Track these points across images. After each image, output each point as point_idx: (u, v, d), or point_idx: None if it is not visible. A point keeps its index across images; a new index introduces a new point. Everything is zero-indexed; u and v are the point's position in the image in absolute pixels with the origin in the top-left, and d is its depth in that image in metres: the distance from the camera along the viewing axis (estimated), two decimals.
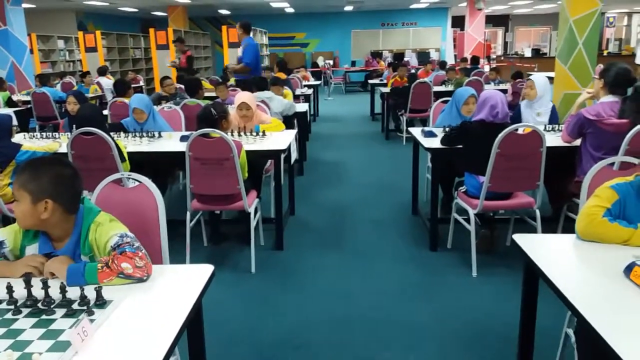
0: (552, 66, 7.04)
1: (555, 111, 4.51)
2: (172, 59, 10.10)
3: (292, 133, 4.47)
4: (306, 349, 2.71)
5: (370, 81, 11.81)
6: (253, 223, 3.62)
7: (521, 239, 1.94)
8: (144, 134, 4.23)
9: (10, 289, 1.52)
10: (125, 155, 3.67)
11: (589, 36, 6.41)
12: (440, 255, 3.84)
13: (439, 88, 8.48)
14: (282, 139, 4.11)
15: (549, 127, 4.16)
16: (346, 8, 17.82)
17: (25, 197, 1.67)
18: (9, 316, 1.47)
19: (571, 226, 1.99)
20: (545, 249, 1.91)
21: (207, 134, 3.40)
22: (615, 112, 3.32)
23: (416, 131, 4.30)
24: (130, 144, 4.01)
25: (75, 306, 1.50)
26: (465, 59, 11.10)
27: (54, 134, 4.47)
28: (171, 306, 1.53)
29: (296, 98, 7.60)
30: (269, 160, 4.44)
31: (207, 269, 1.74)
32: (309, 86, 10.04)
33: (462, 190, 3.65)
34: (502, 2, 16.98)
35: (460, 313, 3.02)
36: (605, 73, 3.43)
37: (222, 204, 3.61)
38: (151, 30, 12.99)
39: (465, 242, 3.67)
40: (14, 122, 5.45)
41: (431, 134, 4.08)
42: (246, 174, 3.56)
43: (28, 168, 1.71)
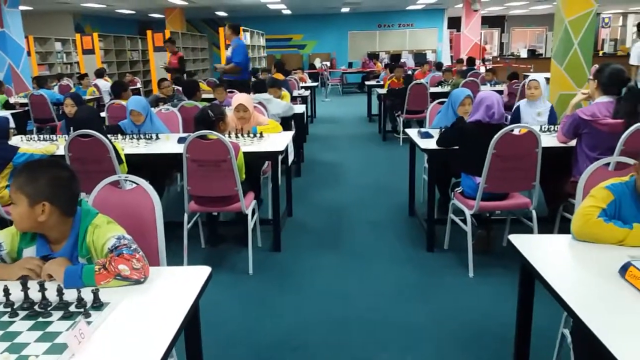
0: (548, 67, 7.06)
1: (553, 110, 4.54)
2: (168, 63, 10.03)
3: (290, 135, 4.48)
4: (304, 350, 2.72)
5: (367, 82, 11.83)
6: (250, 224, 3.62)
7: (517, 240, 1.95)
8: (142, 136, 4.24)
9: (7, 292, 1.51)
10: (122, 157, 3.67)
11: (585, 37, 6.43)
12: (437, 255, 3.85)
13: (436, 89, 8.50)
14: (280, 141, 4.11)
15: (545, 128, 4.19)
16: (343, 9, 17.85)
17: (22, 200, 1.67)
18: (6, 319, 1.47)
19: (567, 226, 2.00)
20: (541, 250, 1.91)
21: (205, 136, 3.40)
22: (610, 113, 3.34)
23: (413, 132, 4.31)
24: (127, 146, 4.01)
25: (72, 308, 1.50)
26: (461, 60, 11.12)
27: (52, 137, 4.47)
28: (168, 308, 1.53)
29: (293, 99, 7.61)
30: (267, 161, 4.45)
31: (205, 271, 1.74)
32: (306, 88, 10.05)
33: (459, 191, 3.66)
34: (498, 3, 17.02)
35: (457, 314, 3.03)
36: (599, 74, 3.45)
37: (220, 206, 3.61)
38: (148, 32, 12.97)
39: (461, 243, 3.68)
40: (12, 125, 5.43)
41: (427, 135, 4.10)
42: (243, 176, 3.57)
43: (25, 170, 1.71)
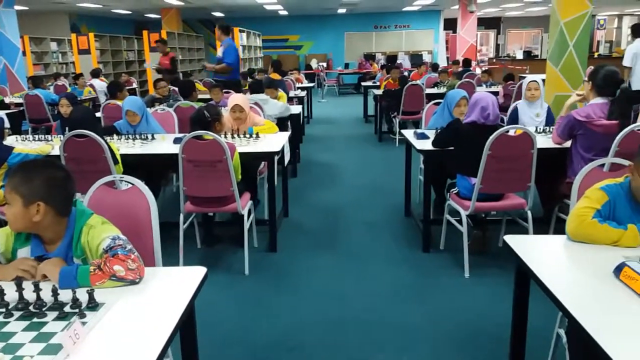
0: (544, 68, 7.08)
1: (551, 111, 4.56)
2: (159, 63, 9.91)
3: (286, 135, 4.48)
4: (300, 351, 2.72)
5: (363, 83, 11.83)
6: (246, 225, 3.62)
7: (512, 240, 1.96)
8: (137, 136, 4.23)
9: (1, 292, 1.51)
10: (118, 157, 3.66)
11: (580, 38, 6.45)
12: (432, 256, 3.85)
13: (431, 90, 8.51)
14: (276, 141, 4.11)
15: (541, 129, 4.20)
16: (339, 11, 17.87)
17: (17, 200, 1.67)
18: (1, 319, 1.47)
19: (563, 227, 2.00)
20: (536, 250, 1.92)
21: (201, 136, 3.40)
22: (605, 114, 3.35)
23: (408, 133, 4.31)
24: (123, 146, 4.00)
25: (67, 309, 1.50)
26: (457, 62, 11.14)
27: (47, 137, 4.45)
28: (164, 308, 1.53)
29: (290, 100, 7.61)
30: (263, 162, 4.44)
31: (200, 271, 1.74)
32: (303, 88, 10.04)
33: (454, 191, 3.67)
34: (494, 5, 17.07)
35: (453, 314, 3.04)
36: (593, 75, 3.47)
37: (216, 206, 3.61)
38: (144, 32, 12.94)
39: (457, 244, 3.69)
40: (6, 125, 5.43)
41: (423, 136, 4.10)
42: (239, 176, 3.57)
43: (20, 171, 1.71)
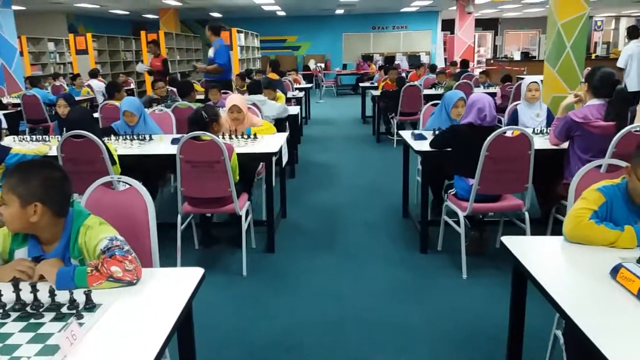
0: (541, 69, 7.09)
1: (550, 111, 4.58)
2: (150, 65, 9.84)
3: (284, 136, 4.48)
4: (298, 351, 2.72)
5: (361, 84, 11.84)
6: (244, 226, 3.62)
7: (510, 241, 1.96)
8: (135, 137, 4.22)
9: None
10: (115, 158, 3.65)
11: (577, 39, 6.46)
12: (430, 257, 3.85)
13: (429, 91, 8.51)
14: (274, 142, 4.11)
15: (539, 130, 4.21)
16: (337, 11, 17.89)
17: (14, 201, 1.66)
18: None
19: (560, 228, 2.00)
20: (533, 251, 1.92)
21: (198, 137, 3.39)
22: (602, 115, 3.36)
23: (406, 134, 4.32)
24: (120, 147, 4.00)
25: (64, 310, 1.50)
26: (455, 63, 11.15)
27: (44, 137, 4.44)
28: (161, 309, 1.53)
29: (288, 101, 7.61)
30: (261, 163, 4.44)
31: (198, 272, 1.74)
32: (301, 89, 10.05)
33: (452, 192, 3.67)
34: (492, 6, 17.10)
35: (450, 315, 3.04)
36: (590, 77, 3.49)
37: (213, 207, 3.61)
38: (142, 32, 12.94)
39: (455, 245, 3.70)
40: (4, 125, 5.41)
41: (421, 137, 4.11)
42: (237, 177, 3.56)
43: (17, 171, 1.70)
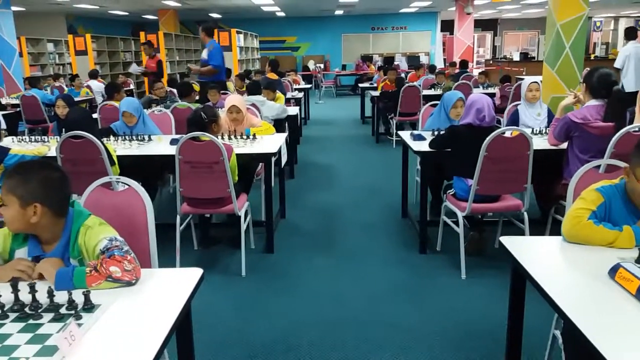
0: (540, 70, 7.10)
1: (550, 111, 4.58)
2: (145, 66, 9.80)
3: (283, 136, 4.48)
4: (297, 352, 2.72)
5: (360, 85, 11.86)
6: (243, 226, 3.62)
7: (508, 241, 1.96)
8: (134, 138, 4.23)
9: None
10: (114, 158, 3.65)
11: (576, 40, 6.47)
12: (429, 257, 3.86)
13: (428, 92, 8.53)
14: (273, 142, 4.11)
15: (538, 130, 4.21)
16: (337, 12, 17.90)
17: (13, 202, 1.66)
18: None
19: (559, 228, 2.00)
20: (532, 251, 1.93)
21: (197, 137, 3.39)
22: (600, 116, 3.37)
23: (405, 134, 4.32)
24: (119, 148, 4.00)
25: (62, 310, 1.50)
26: (454, 63, 11.16)
27: (43, 138, 4.44)
28: (160, 310, 1.53)
29: (287, 101, 7.62)
30: (260, 163, 4.44)
31: (197, 272, 1.73)
32: (300, 89, 10.06)
33: (451, 193, 3.67)
34: (491, 7, 17.12)
35: (449, 315, 3.04)
36: (587, 77, 3.49)
37: (212, 207, 3.61)
38: (142, 33, 12.95)
39: (454, 245, 3.70)
40: (3, 126, 5.40)
41: (420, 138, 4.11)
42: (236, 178, 3.57)
43: (17, 172, 1.70)
